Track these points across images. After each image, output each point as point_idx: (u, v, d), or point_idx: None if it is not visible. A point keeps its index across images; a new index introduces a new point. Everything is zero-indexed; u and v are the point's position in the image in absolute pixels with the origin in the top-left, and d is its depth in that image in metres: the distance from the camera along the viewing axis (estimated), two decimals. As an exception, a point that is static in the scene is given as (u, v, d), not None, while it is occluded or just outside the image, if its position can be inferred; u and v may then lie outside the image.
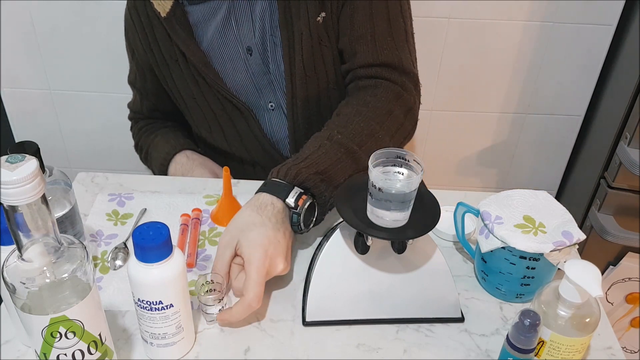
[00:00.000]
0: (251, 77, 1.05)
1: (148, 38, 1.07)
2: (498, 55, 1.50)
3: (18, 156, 0.53)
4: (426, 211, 0.74)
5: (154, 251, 0.64)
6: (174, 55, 1.05)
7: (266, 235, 0.76)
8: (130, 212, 0.97)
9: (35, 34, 1.47)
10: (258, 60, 1.04)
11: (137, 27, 1.07)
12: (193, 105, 1.11)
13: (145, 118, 1.24)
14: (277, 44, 1.02)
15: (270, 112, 1.09)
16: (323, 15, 0.97)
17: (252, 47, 1.03)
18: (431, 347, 0.77)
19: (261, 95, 1.07)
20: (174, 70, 1.07)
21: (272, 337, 0.77)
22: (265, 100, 1.08)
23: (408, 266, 0.77)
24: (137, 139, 1.24)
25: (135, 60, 1.13)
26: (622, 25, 1.45)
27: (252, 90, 1.07)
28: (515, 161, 1.72)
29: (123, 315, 0.79)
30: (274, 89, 1.07)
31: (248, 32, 1.03)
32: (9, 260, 0.58)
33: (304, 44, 1.00)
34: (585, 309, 0.69)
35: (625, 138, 1.38)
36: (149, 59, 1.09)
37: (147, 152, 1.21)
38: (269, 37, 1.02)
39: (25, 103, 1.60)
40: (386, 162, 0.73)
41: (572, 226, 0.79)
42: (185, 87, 1.09)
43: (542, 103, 1.59)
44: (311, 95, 1.04)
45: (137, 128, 1.24)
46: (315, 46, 1.00)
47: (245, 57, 1.04)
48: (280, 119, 1.09)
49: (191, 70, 1.05)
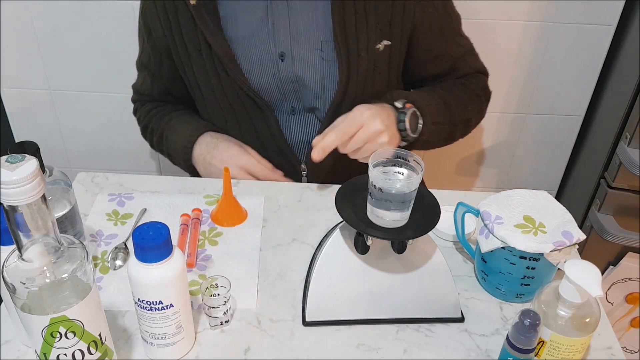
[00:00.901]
0: (277, 81, 1.04)
1: (170, 22, 1.03)
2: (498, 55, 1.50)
3: (18, 156, 0.53)
4: (426, 211, 0.74)
5: (154, 251, 0.64)
6: (197, 44, 1.02)
7: (372, 106, 0.95)
8: (130, 212, 0.97)
9: (35, 34, 1.47)
10: (290, 67, 1.03)
11: (159, 8, 1.04)
12: (210, 97, 1.08)
13: (153, 100, 1.19)
14: (324, 59, 1.02)
15: (290, 116, 1.08)
16: (387, 43, 1.02)
17: (285, 53, 1.02)
18: (431, 347, 0.77)
19: (284, 99, 1.06)
20: (195, 59, 1.05)
21: (272, 337, 0.77)
22: (288, 104, 1.07)
23: (408, 266, 0.77)
24: (146, 121, 1.19)
25: (152, 42, 1.09)
26: (622, 25, 1.45)
27: (275, 92, 1.05)
28: (515, 161, 1.72)
29: (123, 315, 0.79)
30: (299, 96, 1.06)
31: (284, 38, 1.01)
32: (9, 260, 0.58)
33: (360, 66, 1.01)
34: (585, 309, 0.69)
35: (625, 138, 1.38)
36: (169, 43, 1.06)
37: (162, 135, 1.15)
38: (312, 49, 1.01)
39: (25, 103, 1.60)
40: (386, 162, 0.73)
41: (572, 226, 0.79)
42: (205, 78, 1.06)
43: (542, 103, 1.59)
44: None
45: (145, 110, 1.19)
46: (370, 71, 1.03)
47: (276, 61, 1.02)
48: (299, 123, 1.09)
49: (214, 62, 1.03)
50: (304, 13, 1.00)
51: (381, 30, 1.01)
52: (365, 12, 0.99)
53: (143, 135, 1.23)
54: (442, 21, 1.07)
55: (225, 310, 0.77)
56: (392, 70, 1.06)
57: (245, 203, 0.99)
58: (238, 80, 1.02)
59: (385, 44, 1.02)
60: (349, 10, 0.98)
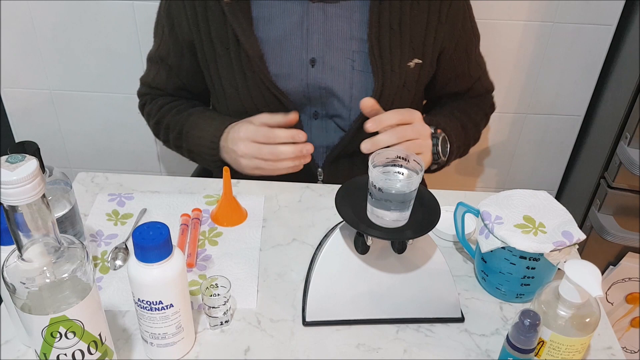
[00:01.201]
0: (305, 86, 1.04)
1: (198, 16, 1.02)
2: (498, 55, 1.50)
3: (18, 156, 0.53)
4: (426, 211, 0.74)
5: (154, 251, 0.64)
6: (226, 41, 1.01)
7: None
8: (130, 212, 0.97)
9: (35, 34, 1.47)
10: (319, 73, 1.03)
11: (187, 4, 1.02)
12: (233, 96, 1.07)
13: (165, 95, 1.16)
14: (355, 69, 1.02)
15: (311, 120, 1.08)
16: (418, 61, 1.04)
17: (316, 60, 1.02)
18: (431, 347, 0.77)
19: (308, 103, 1.06)
20: (222, 56, 1.03)
21: (272, 337, 0.77)
22: (311, 109, 1.07)
23: (408, 266, 0.77)
24: (159, 117, 1.14)
25: (174, 36, 1.07)
26: (622, 25, 1.45)
27: (300, 97, 1.05)
28: (515, 161, 1.72)
29: (123, 315, 0.79)
30: (324, 103, 1.06)
31: (317, 44, 1.01)
32: (9, 260, 0.58)
33: (392, 82, 1.02)
34: (585, 309, 0.69)
35: (625, 138, 1.38)
36: (194, 37, 1.04)
37: (181, 131, 1.10)
38: (344, 58, 1.02)
39: (25, 103, 1.60)
40: (386, 162, 0.73)
41: (572, 226, 0.79)
42: (229, 75, 1.05)
43: (542, 103, 1.59)
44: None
45: (157, 105, 1.15)
46: (399, 87, 1.04)
47: (306, 66, 1.02)
48: (320, 128, 1.09)
49: (241, 61, 1.02)
50: (339, 21, 1.00)
51: (414, 49, 1.03)
52: (400, 29, 1.01)
53: (155, 131, 1.18)
54: (467, 42, 1.11)
55: (225, 310, 0.77)
56: (419, 88, 1.09)
57: (245, 203, 0.99)
58: (266, 81, 1.01)
59: (417, 62, 1.04)
60: (385, 25, 0.99)
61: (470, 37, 1.11)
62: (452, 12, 1.04)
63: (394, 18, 1.00)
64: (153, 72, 1.15)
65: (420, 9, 1.01)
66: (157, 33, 1.12)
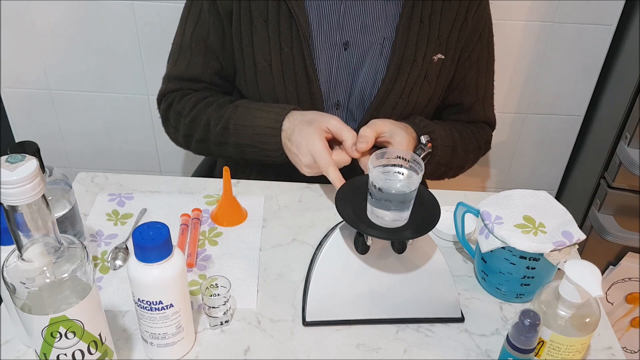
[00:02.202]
0: (335, 69, 1.04)
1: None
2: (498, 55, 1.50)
3: (18, 156, 0.53)
4: (426, 211, 0.74)
5: (154, 251, 0.64)
6: (264, 13, 1.00)
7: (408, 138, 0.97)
8: (130, 212, 0.97)
9: (35, 34, 1.47)
10: (351, 57, 1.04)
11: None
12: (264, 70, 1.04)
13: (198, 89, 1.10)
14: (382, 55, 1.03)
15: (333, 108, 1.08)
16: (440, 56, 1.05)
17: (349, 43, 1.03)
18: (431, 347, 0.77)
19: (335, 90, 1.06)
20: (258, 28, 1.01)
21: (272, 337, 0.77)
22: (335, 97, 1.07)
23: (408, 266, 0.77)
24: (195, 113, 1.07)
25: (215, 9, 1.03)
26: (622, 25, 1.45)
27: (328, 82, 1.05)
28: (515, 161, 1.72)
29: (123, 315, 0.79)
30: (349, 88, 1.06)
31: (353, 28, 1.02)
32: (9, 260, 0.58)
33: (412, 72, 1.03)
34: (585, 309, 0.69)
35: (625, 138, 1.38)
36: (233, 12, 1.02)
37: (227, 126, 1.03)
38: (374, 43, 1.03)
39: (25, 103, 1.60)
40: (386, 162, 0.73)
41: (572, 226, 0.79)
42: (263, 49, 1.02)
43: (542, 103, 1.59)
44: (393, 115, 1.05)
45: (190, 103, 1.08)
46: (420, 78, 1.05)
47: (339, 48, 1.03)
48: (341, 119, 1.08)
49: (279, 36, 1.01)
50: (374, 8, 1.02)
51: (440, 44, 1.04)
52: (430, 23, 1.02)
53: (187, 130, 1.08)
54: (480, 53, 1.11)
55: (225, 310, 0.77)
56: (439, 84, 1.09)
57: (245, 203, 0.99)
58: (307, 57, 1.01)
59: (440, 57, 1.05)
60: (416, 17, 1.01)
61: (484, 49, 1.11)
62: (476, 17, 1.05)
63: (425, 12, 1.01)
64: (184, 62, 1.08)
65: (451, 7, 1.03)
66: (192, 16, 1.06)
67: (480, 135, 1.16)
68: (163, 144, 1.67)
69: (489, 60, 1.14)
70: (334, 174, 0.92)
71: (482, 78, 1.14)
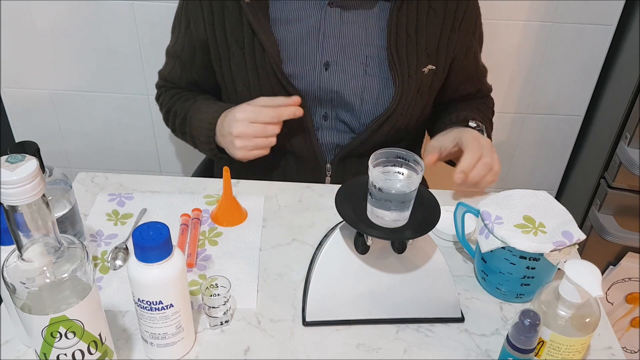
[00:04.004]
0: (317, 88, 1.05)
1: (214, 15, 1.03)
2: (498, 55, 1.50)
3: (18, 156, 0.53)
4: (426, 211, 0.74)
5: (154, 251, 0.64)
6: (241, 40, 1.03)
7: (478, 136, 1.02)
8: (130, 212, 0.97)
9: (35, 34, 1.47)
10: (333, 76, 1.04)
11: (204, 4, 1.03)
12: (244, 92, 1.07)
13: (178, 87, 1.18)
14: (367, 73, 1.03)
15: (321, 119, 1.08)
16: (431, 67, 1.06)
17: (330, 63, 1.03)
18: (431, 347, 0.77)
19: (319, 105, 1.07)
20: (235, 55, 1.04)
21: (272, 337, 0.77)
22: (321, 111, 1.07)
23: (408, 266, 0.77)
24: (169, 105, 1.16)
25: (189, 34, 1.09)
26: (622, 25, 1.45)
27: (311, 97, 1.05)
28: (515, 161, 1.72)
29: (123, 315, 0.79)
30: (334, 105, 1.06)
31: (333, 48, 1.02)
32: (9, 260, 0.58)
33: (410, 87, 1.04)
34: (585, 309, 0.69)
35: (625, 138, 1.38)
36: (208, 36, 1.06)
37: (186, 116, 1.11)
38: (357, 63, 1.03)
39: (25, 103, 1.60)
40: (386, 162, 0.73)
41: (572, 226, 0.79)
42: (241, 74, 1.06)
43: (542, 103, 1.59)
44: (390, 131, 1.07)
45: (169, 95, 1.17)
46: (414, 93, 1.05)
47: (319, 69, 1.03)
48: (330, 128, 1.09)
49: (256, 59, 1.03)
50: (355, 27, 1.02)
51: (428, 55, 1.04)
52: (417, 36, 1.02)
53: (165, 121, 1.20)
54: (476, 47, 1.13)
55: (225, 310, 0.77)
56: (431, 93, 1.10)
57: (245, 203, 0.99)
58: (282, 79, 1.02)
59: (430, 68, 1.05)
60: (402, 32, 1.01)
61: (478, 42, 1.14)
62: (466, 19, 1.05)
63: (410, 25, 1.02)
64: (169, 66, 1.17)
65: (436, 15, 1.03)
66: (174, 29, 1.13)
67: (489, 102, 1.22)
68: (163, 144, 1.67)
69: (480, 44, 1.16)
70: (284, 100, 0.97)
71: (480, 65, 1.18)
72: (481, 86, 1.19)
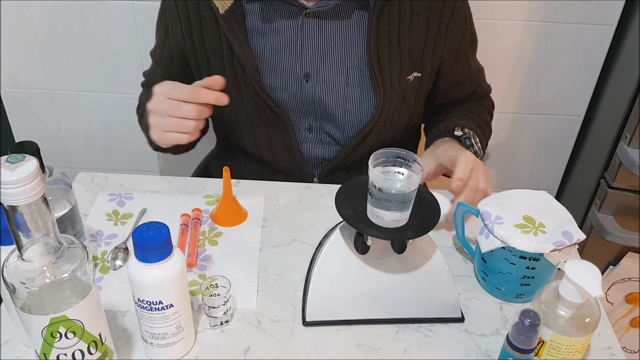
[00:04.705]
0: (299, 100, 1.03)
1: (191, 27, 1.01)
2: (498, 55, 1.50)
3: (18, 156, 0.53)
4: (426, 211, 0.74)
5: (154, 251, 0.64)
6: (220, 52, 1.01)
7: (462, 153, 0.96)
8: (130, 212, 0.97)
9: (35, 34, 1.47)
10: (314, 88, 1.02)
11: (181, 13, 1.02)
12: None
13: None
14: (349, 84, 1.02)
15: (306, 132, 1.08)
16: (416, 75, 1.03)
17: (310, 75, 1.02)
18: (431, 347, 0.77)
19: (302, 116, 1.06)
20: (215, 67, 1.03)
21: (272, 337, 0.77)
22: (306, 122, 1.07)
23: (408, 266, 0.77)
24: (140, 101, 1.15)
25: (168, 41, 1.07)
26: (622, 25, 1.45)
27: (295, 110, 1.05)
28: (515, 161, 1.72)
29: (123, 315, 0.79)
30: (318, 117, 1.06)
31: (312, 59, 1.01)
32: (9, 260, 0.58)
33: (392, 97, 1.02)
34: (585, 309, 0.69)
35: (625, 138, 1.38)
36: (187, 47, 1.04)
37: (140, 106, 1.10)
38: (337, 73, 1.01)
39: (25, 103, 1.60)
40: (386, 162, 0.73)
41: (572, 226, 0.79)
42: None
43: (542, 103, 1.59)
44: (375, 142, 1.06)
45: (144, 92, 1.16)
46: (399, 102, 1.04)
47: (300, 81, 1.02)
48: (315, 141, 1.08)
49: (235, 72, 1.01)
50: (334, 37, 1.00)
51: (413, 63, 1.02)
52: (399, 44, 1.00)
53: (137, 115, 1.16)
54: (466, 49, 1.10)
55: (225, 310, 0.77)
56: (417, 101, 1.08)
57: (245, 203, 0.99)
58: (260, 92, 1.01)
59: (415, 76, 1.03)
60: (383, 40, 0.99)
61: (469, 45, 1.10)
62: (452, 23, 1.02)
63: (392, 33, 0.99)
64: (151, 69, 1.16)
65: (420, 22, 1.00)
66: (156, 33, 1.12)
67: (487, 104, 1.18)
68: (163, 144, 1.67)
69: (473, 46, 1.13)
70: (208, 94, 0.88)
71: (472, 66, 1.13)
72: (475, 88, 1.15)
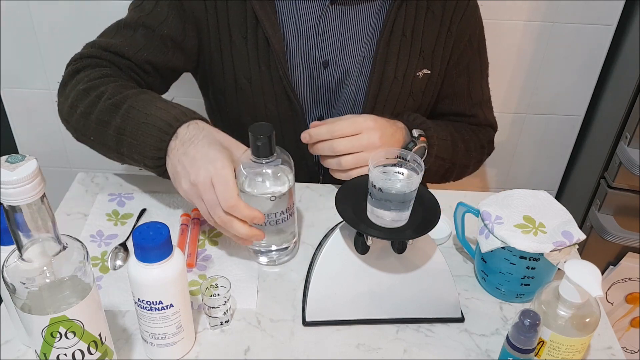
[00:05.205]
0: (315, 87, 1.03)
1: (216, 2, 0.96)
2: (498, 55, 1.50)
3: (18, 156, 0.53)
4: (426, 211, 0.75)
5: (154, 251, 0.64)
6: (244, 29, 0.97)
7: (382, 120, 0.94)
8: (130, 212, 0.97)
9: (35, 34, 1.47)
10: (331, 76, 1.02)
11: None
12: (246, 87, 1.02)
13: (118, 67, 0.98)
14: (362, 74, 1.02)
15: None
16: (426, 72, 1.03)
17: (329, 62, 1.01)
18: (431, 347, 0.77)
19: (316, 105, 1.06)
20: (237, 45, 0.99)
21: (272, 337, 0.77)
22: (317, 111, 1.06)
23: (408, 266, 0.77)
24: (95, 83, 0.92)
25: (180, 9, 0.97)
26: (622, 25, 1.45)
27: (309, 97, 1.04)
28: (515, 161, 1.72)
29: (123, 315, 0.79)
30: (331, 106, 1.06)
31: (332, 47, 1.01)
32: (9, 260, 0.58)
33: (392, 90, 1.01)
34: (585, 309, 0.69)
35: (625, 138, 1.38)
36: (208, 20, 0.97)
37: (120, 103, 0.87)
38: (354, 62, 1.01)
39: (25, 103, 1.60)
40: (386, 162, 0.73)
41: (572, 226, 0.79)
42: (244, 67, 1.00)
43: (542, 103, 1.59)
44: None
45: (100, 73, 0.94)
46: (404, 95, 1.03)
47: (318, 67, 1.02)
48: None
49: (258, 53, 0.98)
50: (355, 25, 1.00)
51: (424, 59, 1.02)
52: (412, 37, 1.00)
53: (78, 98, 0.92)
54: (471, 59, 1.08)
55: (225, 310, 0.77)
56: (425, 98, 1.07)
57: (245, 203, 0.99)
58: (283, 78, 1.00)
59: (425, 73, 1.03)
60: (397, 32, 0.99)
61: (475, 55, 1.09)
62: (462, 25, 1.02)
63: (407, 26, 0.99)
64: (120, 37, 0.99)
65: (434, 19, 1.00)
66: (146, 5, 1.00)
67: (481, 133, 1.14)
68: (163, 144, 1.67)
69: (482, 64, 1.12)
70: (247, 210, 0.76)
71: (476, 84, 1.11)
72: (474, 110, 1.12)
